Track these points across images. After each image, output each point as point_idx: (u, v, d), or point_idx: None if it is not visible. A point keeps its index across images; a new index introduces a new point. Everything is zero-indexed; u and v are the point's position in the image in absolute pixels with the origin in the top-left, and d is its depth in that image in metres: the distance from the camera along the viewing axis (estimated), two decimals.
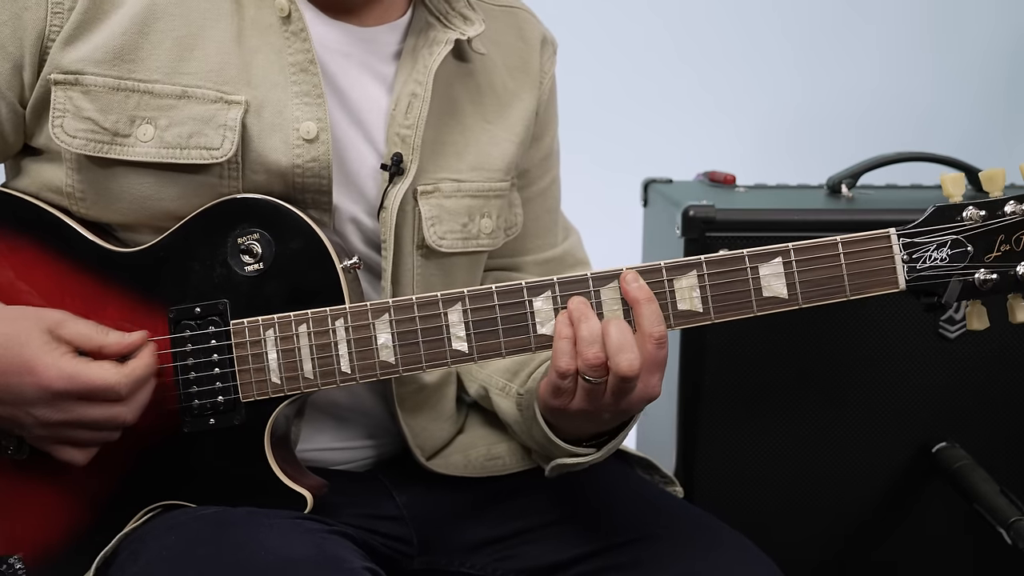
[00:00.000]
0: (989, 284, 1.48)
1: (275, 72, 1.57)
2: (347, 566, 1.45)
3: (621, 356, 1.43)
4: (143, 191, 1.54)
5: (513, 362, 1.68)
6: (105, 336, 1.48)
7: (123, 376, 1.45)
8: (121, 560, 1.50)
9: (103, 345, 1.48)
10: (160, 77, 1.54)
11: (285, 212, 1.53)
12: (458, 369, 1.82)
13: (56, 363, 1.44)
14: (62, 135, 1.53)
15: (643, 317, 1.46)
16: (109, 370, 1.45)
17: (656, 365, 1.46)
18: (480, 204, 1.71)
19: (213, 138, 1.53)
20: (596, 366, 1.44)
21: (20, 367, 1.43)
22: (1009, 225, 1.48)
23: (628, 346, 1.44)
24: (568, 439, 1.58)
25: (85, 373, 1.44)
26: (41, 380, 1.43)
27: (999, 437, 2.20)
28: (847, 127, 3.40)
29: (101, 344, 1.48)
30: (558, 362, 1.46)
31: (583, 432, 1.57)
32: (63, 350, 1.45)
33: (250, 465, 1.53)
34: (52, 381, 1.43)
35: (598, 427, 1.56)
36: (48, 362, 1.43)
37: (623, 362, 1.43)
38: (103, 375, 1.45)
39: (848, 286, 1.48)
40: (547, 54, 1.83)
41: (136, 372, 1.47)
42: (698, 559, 1.60)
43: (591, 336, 1.45)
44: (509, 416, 1.70)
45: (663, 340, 1.46)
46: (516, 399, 1.66)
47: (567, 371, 1.46)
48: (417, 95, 1.64)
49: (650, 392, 1.47)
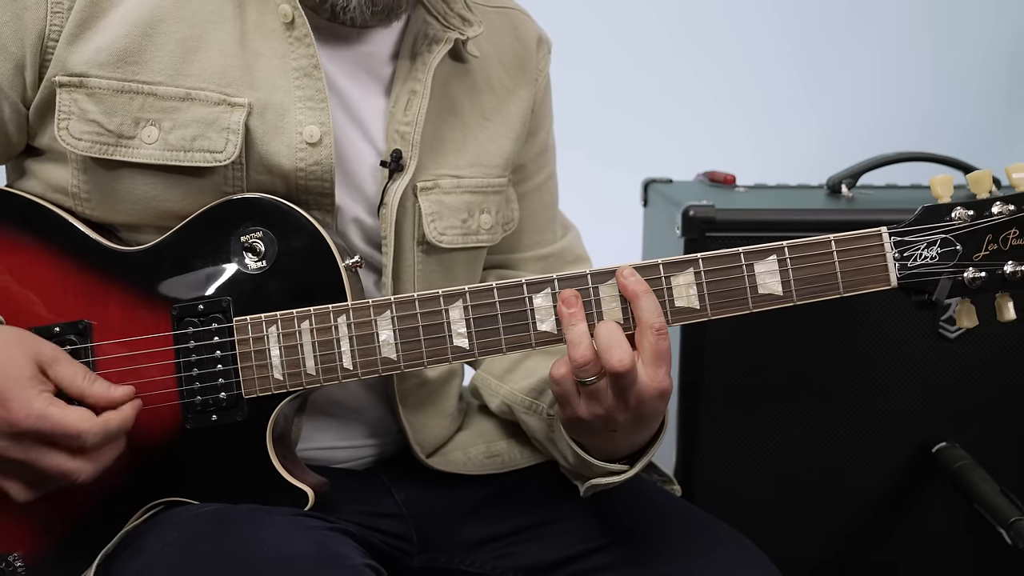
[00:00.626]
0: (978, 282, 1.50)
1: (278, 76, 1.57)
2: (348, 563, 1.45)
3: (611, 353, 1.44)
4: (148, 192, 1.55)
5: (539, 380, 1.70)
6: (91, 384, 1.45)
7: (95, 426, 1.43)
8: (123, 557, 1.50)
9: (84, 393, 1.45)
10: (164, 79, 1.54)
11: (288, 211, 1.54)
12: (478, 383, 1.83)
13: (30, 401, 1.40)
14: (68, 137, 1.54)
15: (642, 310, 1.47)
16: (83, 417, 1.42)
17: (660, 357, 1.46)
18: (479, 200, 1.72)
19: (216, 141, 1.54)
20: (583, 364, 1.44)
21: None
22: (996, 225, 1.50)
23: (616, 343, 1.44)
24: (600, 457, 1.57)
25: (56, 415, 1.41)
26: (10, 414, 1.40)
27: (999, 437, 2.20)
28: (847, 127, 3.41)
29: (83, 391, 1.45)
30: (552, 369, 1.48)
31: (613, 448, 1.57)
32: (42, 388, 1.42)
33: (252, 462, 1.53)
34: (21, 419, 1.39)
35: (628, 440, 1.55)
36: (22, 398, 1.40)
37: (613, 359, 1.43)
38: (75, 421, 1.41)
39: (841, 283, 1.49)
40: (542, 52, 1.84)
41: (109, 425, 1.44)
42: (697, 558, 1.61)
43: (576, 338, 1.45)
44: (539, 434, 1.71)
45: (664, 331, 1.46)
46: (546, 419, 1.67)
47: (559, 377, 1.47)
48: (416, 92, 1.65)
49: (660, 385, 1.47)
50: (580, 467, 1.60)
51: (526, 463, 1.77)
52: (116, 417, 1.45)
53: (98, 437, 1.43)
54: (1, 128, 1.58)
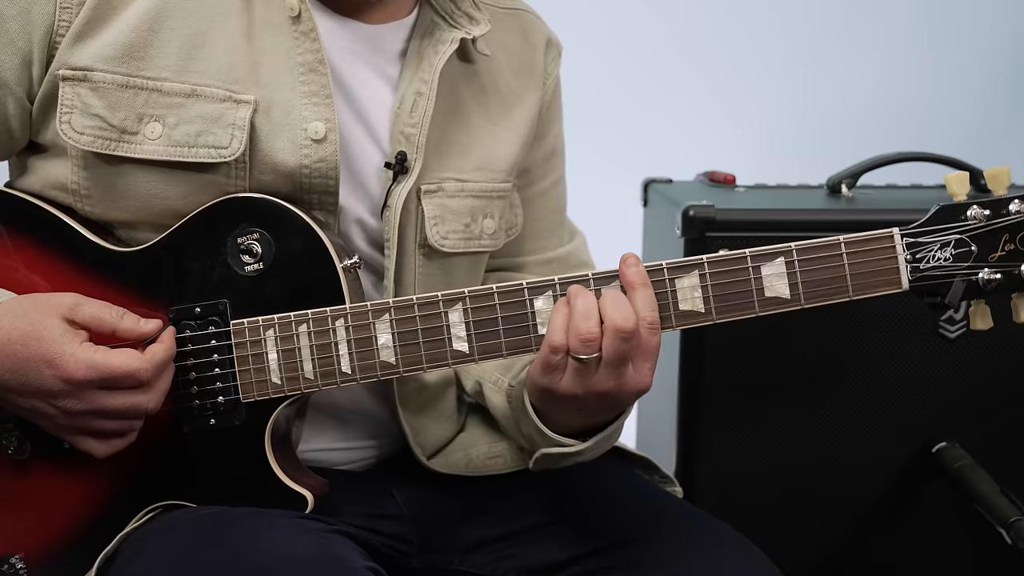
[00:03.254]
0: (993, 284, 1.48)
1: (284, 71, 1.57)
2: (349, 565, 1.45)
3: (616, 312, 1.43)
4: (150, 189, 1.54)
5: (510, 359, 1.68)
6: (119, 320, 1.47)
7: (144, 362, 1.44)
8: (122, 559, 1.50)
9: (116, 328, 1.47)
10: (169, 75, 1.54)
11: (285, 211, 1.53)
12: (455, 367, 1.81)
13: (75, 353, 1.42)
14: (70, 131, 1.53)
15: (637, 301, 1.45)
16: (131, 356, 1.44)
17: (647, 352, 1.45)
18: (483, 204, 1.71)
19: (221, 137, 1.53)
20: (588, 341, 1.43)
21: (40, 360, 1.42)
22: (1013, 224, 1.48)
23: (623, 304, 1.43)
24: (555, 430, 1.56)
25: (105, 361, 1.43)
26: (62, 371, 1.42)
27: (999, 437, 2.19)
28: (847, 127, 3.40)
29: (115, 326, 1.47)
30: (551, 336, 1.45)
31: (572, 426, 1.56)
32: (81, 338, 1.44)
33: (251, 465, 1.53)
34: (73, 372, 1.42)
35: (587, 420, 1.55)
36: (68, 352, 1.42)
37: (618, 317, 1.42)
38: (125, 361, 1.43)
39: (851, 286, 1.47)
40: (551, 55, 1.83)
41: (157, 357, 1.46)
42: (697, 559, 1.60)
43: (586, 310, 1.44)
44: (499, 411, 1.69)
45: (655, 326, 1.45)
46: (507, 391, 1.66)
47: (559, 346, 1.45)
48: (422, 94, 1.64)
49: (640, 381, 1.46)
50: (535, 440, 1.58)
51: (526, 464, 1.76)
52: (160, 348, 1.47)
53: (150, 371, 1.45)
54: (5, 124, 1.57)
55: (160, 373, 1.47)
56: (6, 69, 1.54)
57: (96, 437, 1.48)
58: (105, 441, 1.49)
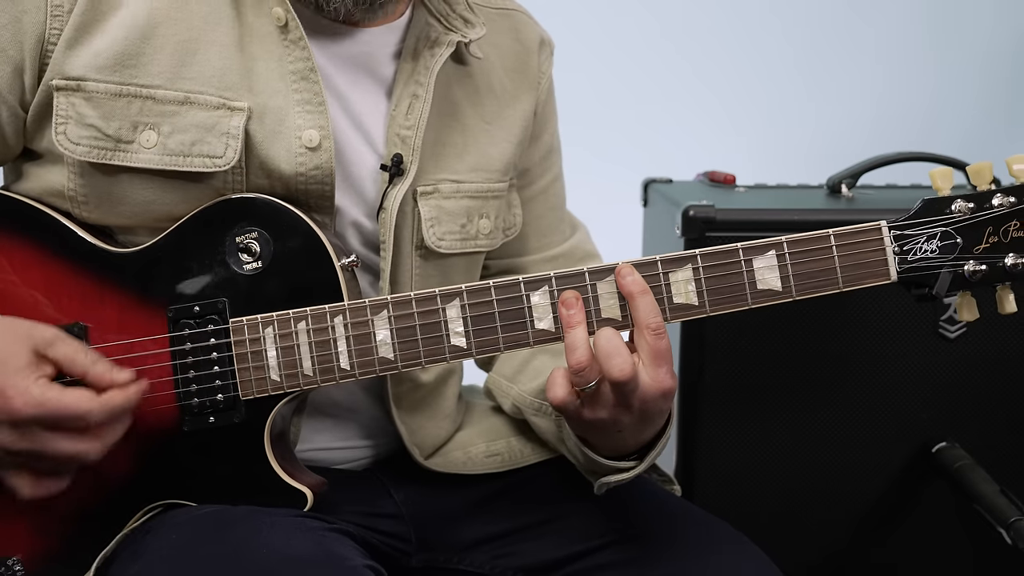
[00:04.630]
0: (978, 275, 1.50)
1: (276, 79, 1.57)
2: (349, 564, 1.45)
3: (611, 362, 1.43)
4: (146, 196, 1.55)
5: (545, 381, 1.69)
6: (93, 363, 1.44)
7: (98, 404, 1.41)
8: (121, 559, 1.50)
9: (87, 371, 1.44)
10: (162, 82, 1.54)
11: (283, 211, 1.53)
12: (491, 386, 1.83)
13: (28, 389, 1.39)
14: (65, 142, 1.53)
15: (638, 310, 1.46)
16: (84, 397, 1.41)
17: (659, 357, 1.45)
18: (479, 205, 1.71)
19: (216, 146, 1.53)
20: (579, 370, 1.44)
21: None
22: (997, 217, 1.50)
23: (616, 351, 1.43)
24: (609, 455, 1.57)
25: (57, 399, 1.39)
26: (8, 403, 1.38)
27: (999, 437, 2.19)
28: (848, 127, 3.41)
29: (85, 369, 1.44)
30: (550, 393, 1.47)
31: (621, 446, 1.56)
32: (40, 374, 1.41)
33: (250, 463, 1.53)
34: (20, 408, 1.38)
35: (635, 438, 1.55)
36: (21, 387, 1.39)
37: (614, 369, 1.43)
38: (76, 401, 1.40)
39: (841, 278, 1.49)
40: (544, 55, 1.84)
41: (112, 402, 1.43)
42: (696, 557, 1.60)
43: (574, 343, 1.45)
44: (550, 435, 1.71)
45: (660, 330, 1.46)
46: (555, 420, 1.68)
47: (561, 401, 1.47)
48: (418, 96, 1.64)
49: (662, 385, 1.46)
50: (590, 465, 1.59)
51: (528, 461, 1.77)
52: (118, 395, 1.43)
53: (102, 415, 1.42)
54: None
55: (112, 420, 1.44)
56: None
57: (29, 476, 1.45)
58: (37, 482, 1.45)
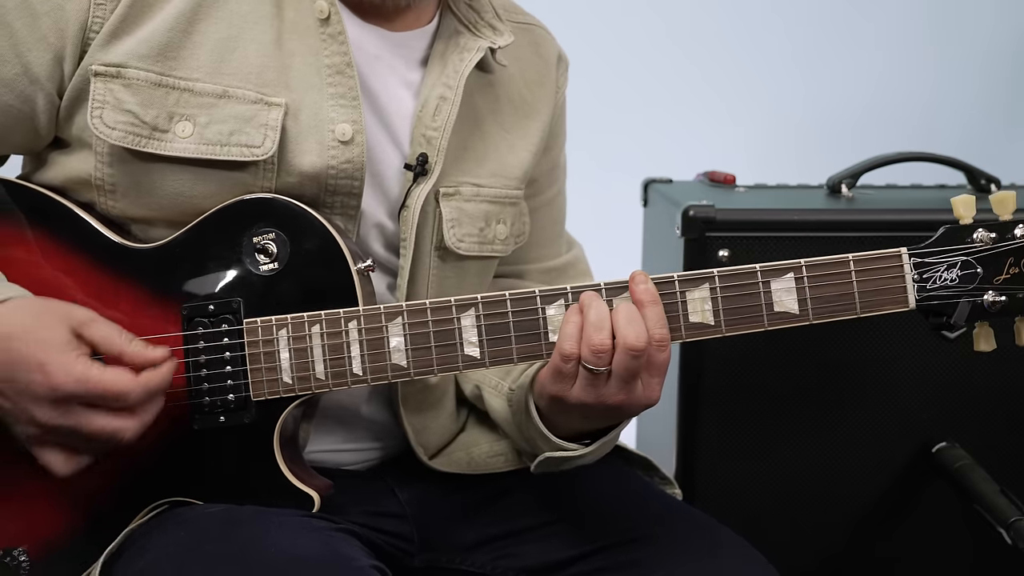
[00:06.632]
0: (998, 306, 1.50)
1: (312, 74, 1.58)
2: (355, 564, 1.46)
3: (628, 328, 1.44)
4: (178, 187, 1.55)
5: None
6: (128, 343, 1.46)
7: (136, 384, 1.43)
8: (127, 555, 1.50)
9: (123, 351, 1.45)
10: (201, 76, 1.54)
11: (301, 212, 1.53)
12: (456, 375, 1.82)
13: (69, 365, 1.41)
14: (101, 126, 1.53)
15: (647, 319, 1.46)
16: (124, 376, 1.43)
17: (657, 367, 1.47)
18: (497, 210, 1.72)
19: (254, 136, 1.54)
20: (600, 352, 1.44)
21: (32, 363, 1.41)
22: (1018, 248, 1.50)
23: (636, 320, 1.44)
24: (559, 435, 1.57)
25: (97, 377, 1.42)
26: (51, 379, 1.41)
27: (999, 437, 2.20)
28: (848, 127, 3.41)
29: (122, 350, 1.45)
30: (563, 345, 1.46)
31: (575, 429, 1.57)
32: (80, 352, 1.43)
33: (258, 464, 1.53)
34: (61, 383, 1.41)
35: (590, 425, 1.56)
36: (61, 362, 1.41)
37: (630, 334, 1.43)
38: (116, 380, 1.43)
39: (859, 303, 1.49)
40: (561, 70, 1.86)
41: (151, 383, 1.45)
42: (697, 560, 1.61)
43: (598, 321, 1.45)
44: (500, 415, 1.70)
45: (664, 343, 1.46)
46: (507, 395, 1.66)
47: (570, 355, 1.46)
48: (446, 98, 1.65)
49: (649, 395, 1.48)
50: (537, 444, 1.59)
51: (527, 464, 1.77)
52: (156, 376, 1.45)
53: (142, 395, 1.44)
54: (33, 121, 1.57)
55: (149, 400, 1.46)
56: (38, 65, 1.54)
57: (63, 453, 1.47)
58: (71, 459, 1.47)
